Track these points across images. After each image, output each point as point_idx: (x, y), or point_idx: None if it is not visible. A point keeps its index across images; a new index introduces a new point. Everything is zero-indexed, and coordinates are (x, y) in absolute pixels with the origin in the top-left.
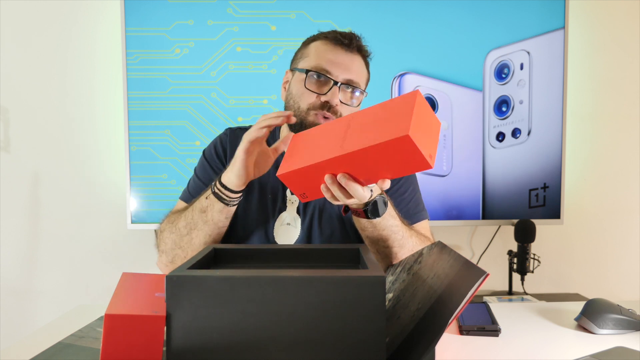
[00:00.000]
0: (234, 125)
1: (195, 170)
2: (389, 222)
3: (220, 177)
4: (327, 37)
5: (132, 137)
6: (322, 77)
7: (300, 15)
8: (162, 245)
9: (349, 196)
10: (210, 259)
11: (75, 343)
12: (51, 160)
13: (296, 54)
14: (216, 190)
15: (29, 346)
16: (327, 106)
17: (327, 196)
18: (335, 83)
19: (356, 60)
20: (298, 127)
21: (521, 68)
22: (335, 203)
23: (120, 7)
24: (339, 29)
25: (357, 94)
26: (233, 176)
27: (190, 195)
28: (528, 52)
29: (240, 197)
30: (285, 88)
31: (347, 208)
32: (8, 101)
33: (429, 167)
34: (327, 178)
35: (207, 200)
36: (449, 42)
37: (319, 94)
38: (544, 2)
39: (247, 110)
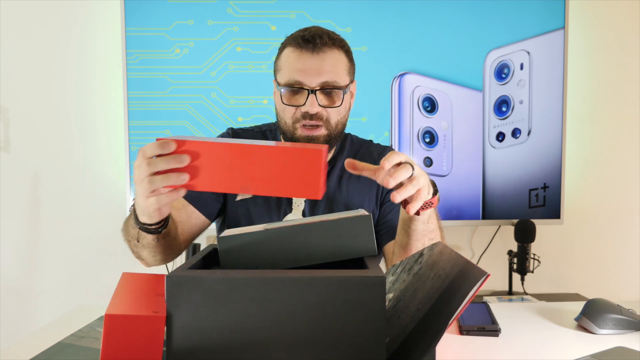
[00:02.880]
0: (234, 125)
1: None
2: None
3: (136, 213)
4: (292, 43)
5: (132, 137)
6: (295, 89)
7: (300, 15)
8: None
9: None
10: (211, 259)
11: (75, 343)
12: (51, 160)
13: (274, 62)
14: (140, 226)
15: (29, 346)
16: (308, 115)
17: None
18: (310, 91)
19: (328, 59)
20: (290, 141)
21: (521, 68)
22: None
23: (120, 7)
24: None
25: (337, 93)
26: (145, 217)
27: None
28: (528, 52)
29: (164, 223)
30: (274, 99)
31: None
32: (8, 101)
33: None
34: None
35: (134, 230)
36: (449, 42)
37: (298, 106)
38: (544, 2)
39: (247, 110)
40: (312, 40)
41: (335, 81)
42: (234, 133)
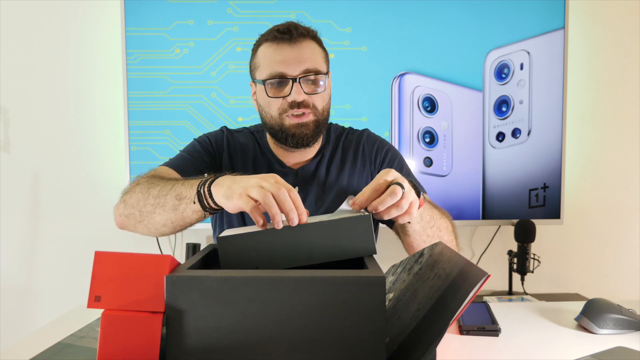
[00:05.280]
0: (234, 125)
1: (182, 149)
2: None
3: (213, 182)
4: (267, 39)
5: (132, 137)
6: (279, 80)
7: (300, 15)
8: (127, 196)
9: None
10: (211, 259)
11: (75, 343)
12: (51, 160)
13: (250, 63)
14: (202, 190)
15: (29, 346)
16: (295, 104)
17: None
18: (294, 80)
19: (305, 47)
20: (279, 133)
21: (521, 68)
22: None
23: (120, 7)
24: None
25: (320, 79)
26: (224, 201)
27: (174, 163)
28: (528, 52)
29: (219, 210)
30: (255, 100)
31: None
32: (8, 101)
33: None
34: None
35: (187, 190)
36: (449, 42)
37: (283, 97)
38: (544, 2)
39: (247, 110)
40: (287, 32)
41: (316, 68)
42: (230, 135)
